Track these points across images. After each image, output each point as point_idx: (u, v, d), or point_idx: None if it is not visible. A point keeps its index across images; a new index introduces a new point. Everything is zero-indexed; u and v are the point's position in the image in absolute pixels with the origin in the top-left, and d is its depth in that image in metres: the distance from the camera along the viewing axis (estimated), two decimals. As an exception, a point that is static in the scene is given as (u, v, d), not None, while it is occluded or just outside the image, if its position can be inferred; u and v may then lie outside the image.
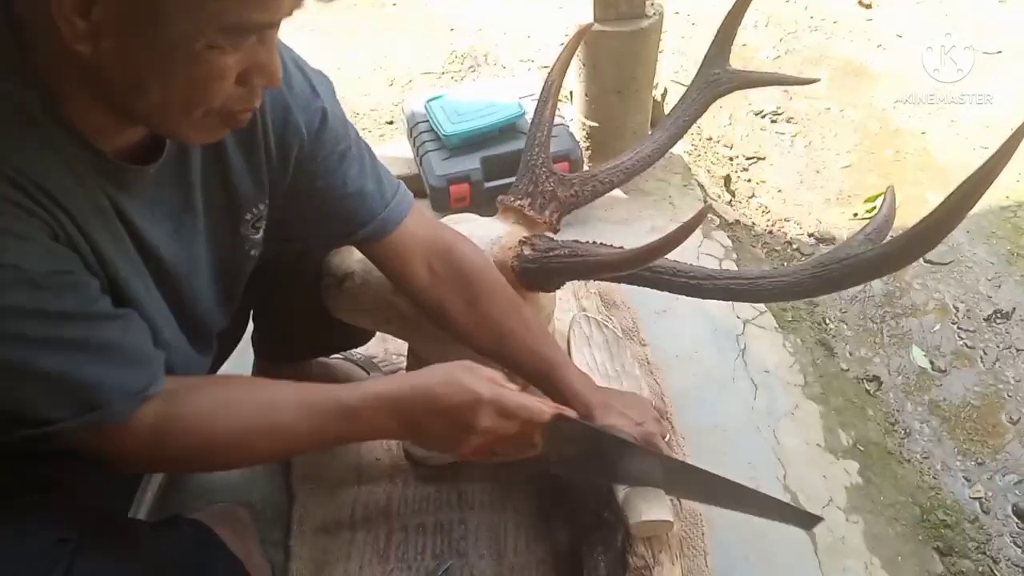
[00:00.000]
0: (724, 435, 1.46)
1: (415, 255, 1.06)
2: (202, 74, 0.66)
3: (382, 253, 1.05)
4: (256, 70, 0.70)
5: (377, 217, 1.01)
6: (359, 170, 0.99)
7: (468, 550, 1.25)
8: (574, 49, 1.32)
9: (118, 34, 0.62)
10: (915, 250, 0.93)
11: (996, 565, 1.45)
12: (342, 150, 0.97)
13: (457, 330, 1.10)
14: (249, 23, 0.65)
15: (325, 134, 0.94)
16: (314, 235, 1.10)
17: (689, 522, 1.26)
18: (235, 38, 0.65)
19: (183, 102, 0.68)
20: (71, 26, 0.61)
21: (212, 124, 0.73)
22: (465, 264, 1.08)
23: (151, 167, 0.78)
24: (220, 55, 0.65)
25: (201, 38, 0.63)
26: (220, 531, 1.03)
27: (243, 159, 0.89)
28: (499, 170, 1.87)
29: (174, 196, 0.84)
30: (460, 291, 1.07)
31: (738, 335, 1.67)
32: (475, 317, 1.08)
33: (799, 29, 3.10)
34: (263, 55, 0.69)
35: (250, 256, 0.99)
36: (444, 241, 1.09)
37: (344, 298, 1.16)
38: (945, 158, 2.46)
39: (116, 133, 0.74)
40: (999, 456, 1.66)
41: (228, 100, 0.70)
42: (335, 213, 1.00)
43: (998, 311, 1.98)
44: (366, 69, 2.90)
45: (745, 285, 1.06)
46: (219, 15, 0.62)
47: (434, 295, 1.07)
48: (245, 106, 0.73)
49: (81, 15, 0.60)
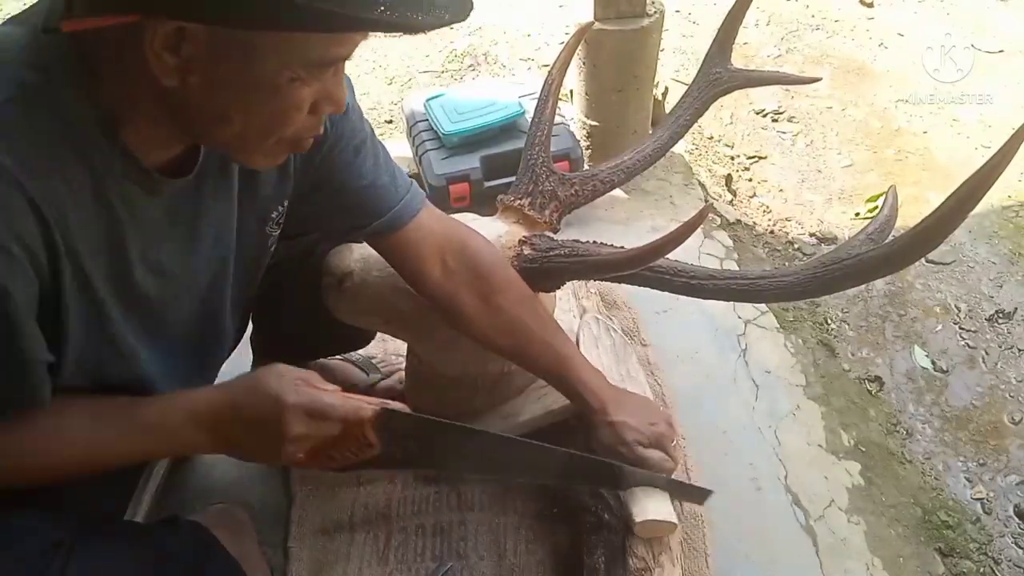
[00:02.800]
0: (725, 435, 1.45)
1: (428, 250, 1.05)
2: (283, 106, 0.69)
3: (395, 247, 1.05)
4: (326, 99, 0.73)
5: (391, 210, 1.01)
6: (374, 163, 1.00)
7: (468, 551, 1.24)
8: (575, 48, 1.31)
9: (207, 69, 0.64)
10: (917, 250, 0.92)
11: (997, 566, 1.45)
12: (357, 144, 0.97)
13: (470, 325, 1.09)
14: (330, 57, 0.68)
15: (344, 127, 0.95)
16: (327, 227, 1.11)
17: (690, 523, 1.25)
18: (317, 71, 0.68)
19: (261, 131, 0.71)
20: (160, 61, 0.63)
21: (280, 150, 0.76)
22: (479, 259, 1.08)
23: (184, 180, 0.80)
24: (300, 87, 0.68)
25: (286, 72, 0.66)
26: (218, 532, 1.02)
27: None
28: (499, 169, 1.86)
29: (207, 207, 0.85)
30: (474, 286, 1.07)
31: (739, 335, 1.67)
32: (488, 312, 1.08)
33: (800, 28, 3.10)
34: (334, 85, 0.73)
35: (269, 253, 1.01)
36: (458, 237, 1.08)
37: (344, 298, 1.16)
38: (946, 157, 2.46)
39: (162, 150, 0.76)
40: (1001, 457, 1.66)
41: (300, 128, 0.73)
42: (350, 205, 1.00)
43: (1000, 311, 1.97)
44: (365, 67, 2.89)
45: (746, 285, 1.06)
46: (306, 51, 0.66)
47: (447, 290, 1.07)
48: (312, 133, 0.76)
49: (171, 51, 0.63)
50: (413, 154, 2.00)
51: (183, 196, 0.82)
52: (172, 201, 0.81)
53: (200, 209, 0.85)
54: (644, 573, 1.07)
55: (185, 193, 0.82)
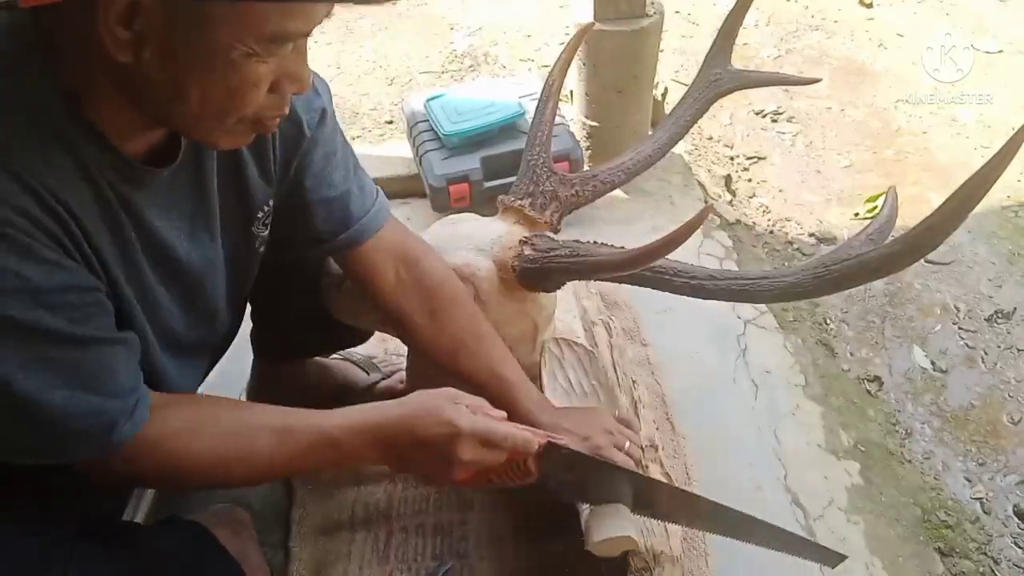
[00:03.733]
0: (725, 435, 1.45)
1: (385, 262, 1.06)
2: (239, 82, 0.68)
3: (354, 259, 1.05)
4: (288, 78, 0.71)
5: (357, 223, 1.01)
6: (344, 175, 1.00)
7: (468, 551, 1.24)
8: (575, 49, 1.31)
9: (160, 43, 0.63)
10: (916, 251, 0.92)
11: (997, 566, 1.45)
12: (329, 152, 0.97)
13: (415, 339, 1.10)
14: (287, 32, 0.66)
15: (320, 133, 0.95)
16: (294, 236, 1.06)
17: (690, 523, 1.25)
18: (273, 46, 0.67)
19: (219, 109, 0.70)
20: (113, 36, 0.62)
21: (242, 130, 0.75)
22: (430, 275, 1.08)
23: (166, 169, 0.79)
24: (257, 63, 0.67)
25: (241, 46, 0.65)
26: (218, 532, 1.03)
27: (255, 158, 0.90)
28: (499, 170, 1.86)
29: (191, 198, 0.85)
30: (422, 301, 1.08)
31: (739, 335, 1.67)
32: (433, 329, 1.08)
33: (800, 28, 3.10)
34: (296, 63, 0.71)
35: (259, 254, 1.00)
36: (413, 251, 1.09)
37: (344, 298, 1.16)
38: (946, 158, 2.46)
39: (137, 137, 0.75)
40: (1000, 457, 1.66)
41: (261, 107, 0.72)
42: (316, 215, 0.99)
43: (999, 311, 1.98)
44: (365, 68, 2.89)
45: (746, 286, 1.06)
46: (260, 24, 0.64)
47: (396, 302, 1.08)
48: (275, 113, 0.75)
49: (124, 25, 0.61)
50: (413, 154, 2.00)
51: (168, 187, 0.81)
52: (158, 192, 0.80)
53: (185, 201, 0.84)
54: (644, 573, 1.07)
55: (169, 184, 0.81)
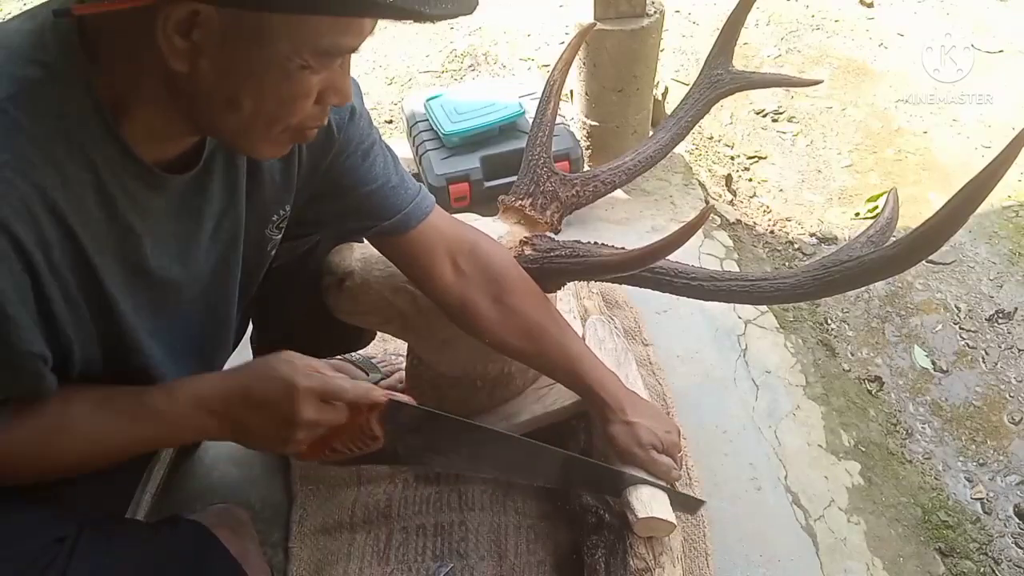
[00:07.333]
0: (725, 435, 1.45)
1: (439, 252, 1.05)
2: (292, 93, 0.69)
3: (404, 249, 1.04)
4: (332, 90, 0.73)
5: (401, 211, 1.01)
6: (383, 166, 1.00)
7: (468, 551, 1.24)
8: (577, 49, 1.31)
9: (217, 53, 0.64)
10: (918, 253, 0.92)
11: (998, 566, 1.45)
12: (366, 148, 0.97)
13: (482, 327, 1.09)
14: (340, 46, 0.69)
15: (352, 131, 0.95)
16: (336, 229, 1.11)
17: (691, 523, 1.25)
18: (326, 59, 0.69)
19: (269, 118, 0.71)
20: (171, 45, 0.63)
21: (285, 139, 0.76)
22: (490, 261, 1.08)
23: (188, 174, 0.79)
24: (309, 75, 0.69)
25: (297, 59, 0.66)
26: (218, 532, 1.02)
27: (280, 161, 0.90)
28: (499, 169, 1.86)
29: (221, 201, 0.85)
30: (486, 288, 1.07)
31: (739, 335, 1.67)
32: (502, 314, 1.08)
33: (800, 28, 3.10)
34: (341, 77, 0.73)
35: (270, 256, 1.01)
36: (468, 239, 1.08)
37: (344, 298, 1.16)
38: (946, 158, 2.46)
39: (169, 143, 0.76)
40: (1001, 457, 1.66)
41: (305, 117, 0.73)
42: (359, 209, 1.00)
43: (1000, 311, 1.98)
44: (365, 68, 2.89)
45: (747, 286, 1.06)
46: (317, 38, 0.66)
47: (459, 293, 1.07)
48: (316, 123, 0.76)
49: (182, 35, 0.62)
50: (413, 154, 2.00)
51: (187, 192, 0.81)
52: (176, 197, 0.80)
53: (205, 206, 0.84)
54: (645, 573, 1.07)
55: (189, 189, 0.81)
